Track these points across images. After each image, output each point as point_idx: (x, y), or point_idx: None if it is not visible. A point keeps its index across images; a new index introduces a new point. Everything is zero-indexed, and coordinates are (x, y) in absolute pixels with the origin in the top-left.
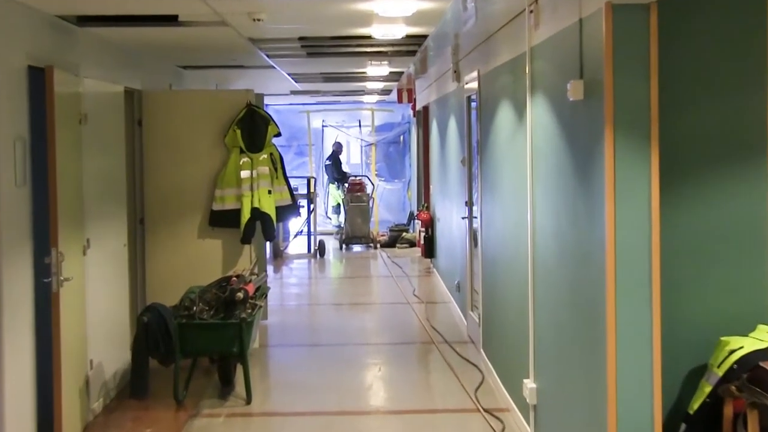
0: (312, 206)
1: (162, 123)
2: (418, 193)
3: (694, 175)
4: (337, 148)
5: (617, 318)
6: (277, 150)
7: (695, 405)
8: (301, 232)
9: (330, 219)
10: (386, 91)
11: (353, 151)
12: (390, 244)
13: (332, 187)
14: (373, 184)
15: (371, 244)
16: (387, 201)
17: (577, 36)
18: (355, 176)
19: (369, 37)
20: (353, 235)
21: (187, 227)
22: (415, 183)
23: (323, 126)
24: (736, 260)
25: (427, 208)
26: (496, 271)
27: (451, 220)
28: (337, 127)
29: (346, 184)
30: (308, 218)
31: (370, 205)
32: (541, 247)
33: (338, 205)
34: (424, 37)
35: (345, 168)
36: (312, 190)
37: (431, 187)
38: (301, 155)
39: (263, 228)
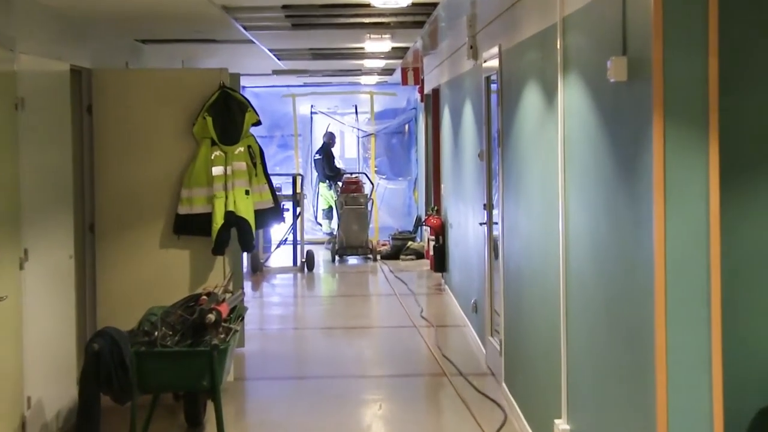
0: (298, 210)
1: (117, 109)
2: (427, 193)
3: (763, 174)
4: (329, 139)
5: (668, 346)
6: (257, 142)
7: None
8: (285, 240)
9: (320, 225)
10: (388, 71)
11: (348, 143)
12: (393, 255)
13: (323, 187)
14: (372, 183)
15: (370, 256)
16: (389, 203)
17: (619, 3)
18: (351, 173)
19: (367, 5)
20: (348, 244)
21: (147, 235)
22: (423, 182)
23: (312, 113)
24: None
25: (438, 211)
26: (521, 289)
27: (466, 227)
28: (329, 114)
29: (340, 183)
30: (294, 224)
31: (369, 208)
32: (575, 259)
33: (330, 208)
34: (434, 5)
35: (338, 163)
36: (298, 190)
37: (442, 186)
38: (286, 148)
39: (239, 236)
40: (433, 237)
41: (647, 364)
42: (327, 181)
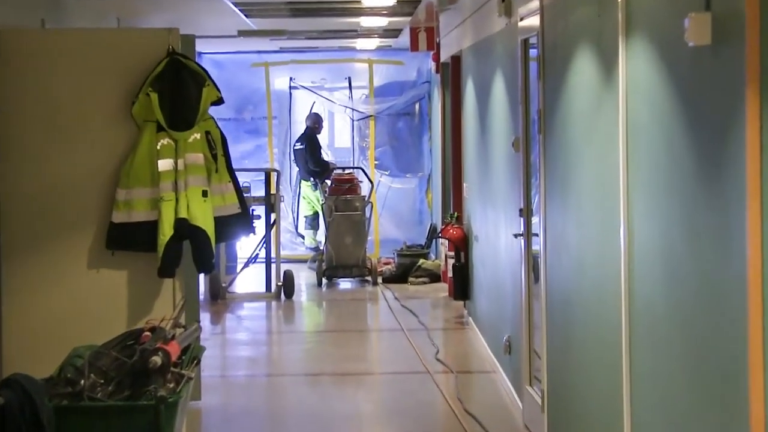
0: (273, 217)
1: (29, 81)
2: (444, 195)
3: None
4: (314, 123)
5: None
6: (218, 127)
7: None
8: (256, 258)
9: (302, 237)
10: (392, 32)
11: (340, 129)
12: (399, 277)
13: (306, 187)
14: (371, 182)
15: (368, 278)
16: (394, 208)
17: None
18: (343, 169)
19: None
20: (340, 263)
21: (69, 252)
22: (440, 179)
23: (291, 88)
24: None
25: (459, 219)
26: (569, 322)
27: (496, 240)
28: (314, 89)
29: (328, 182)
30: (267, 236)
31: (367, 214)
32: (641, 283)
33: (315, 214)
34: None
35: (326, 155)
36: (273, 190)
37: (465, 186)
38: (256, 135)
39: (194, 252)
40: (452, 253)
41: (740, 420)
42: (311, 179)
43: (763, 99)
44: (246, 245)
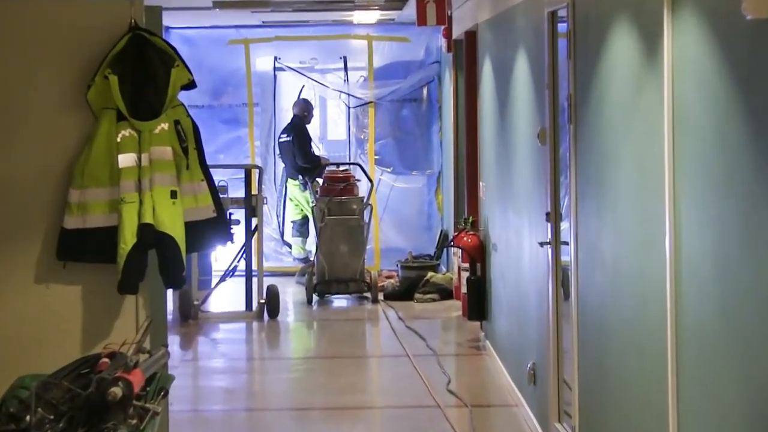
0: (255, 222)
1: None
2: (457, 197)
3: None
4: (303, 111)
5: None
6: (189, 115)
7: None
8: (234, 271)
9: (288, 247)
10: (395, 4)
11: (333, 118)
12: (403, 293)
13: (293, 186)
14: (370, 180)
15: (367, 294)
16: (398, 212)
17: None
18: (337, 165)
19: None
20: (333, 276)
21: (11, 262)
22: (452, 178)
23: (276, 69)
24: None
25: (474, 225)
26: (605, 347)
27: (519, 249)
28: (303, 71)
29: (320, 181)
30: (247, 245)
31: (365, 219)
32: (691, 301)
33: (304, 219)
34: None
35: (317, 149)
36: (255, 191)
37: (481, 185)
38: (235, 125)
39: (161, 264)
40: (466, 265)
41: None
42: (299, 178)
43: None
44: (223, 255)
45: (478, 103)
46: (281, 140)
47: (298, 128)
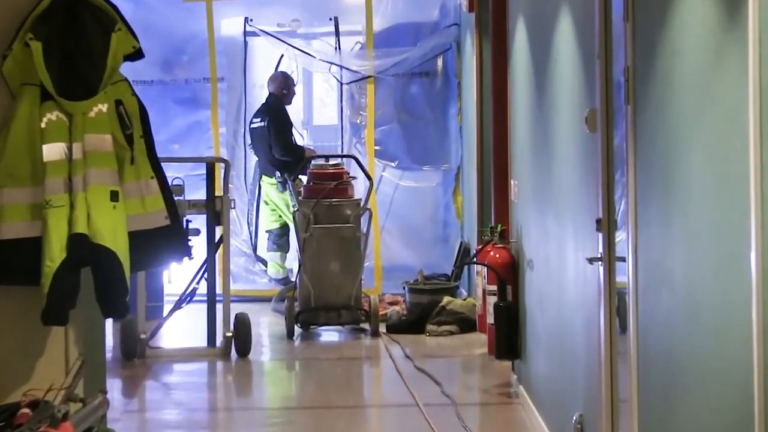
0: (219, 232)
1: None
2: (481, 198)
3: None
4: (281, 88)
5: None
6: (134, 94)
7: None
8: (192, 296)
9: (263, 263)
10: None
11: (321, 97)
12: (412, 324)
13: (268, 185)
14: (369, 178)
15: (366, 327)
16: (405, 218)
17: None
18: (326, 158)
19: None
20: (321, 302)
21: None
22: (474, 174)
23: (247, 34)
24: None
25: (504, 235)
26: (674, 395)
27: (561, 267)
28: (282, 36)
29: (303, 178)
30: (210, 262)
31: (363, 227)
32: None
33: (283, 228)
34: None
35: (299, 137)
36: (219, 191)
37: (513, 184)
38: (194, 106)
39: (98, 286)
40: (493, 288)
41: None
42: (277, 174)
43: None
44: (178, 275)
45: (508, 77)
46: (254, 126)
47: (275, 110)
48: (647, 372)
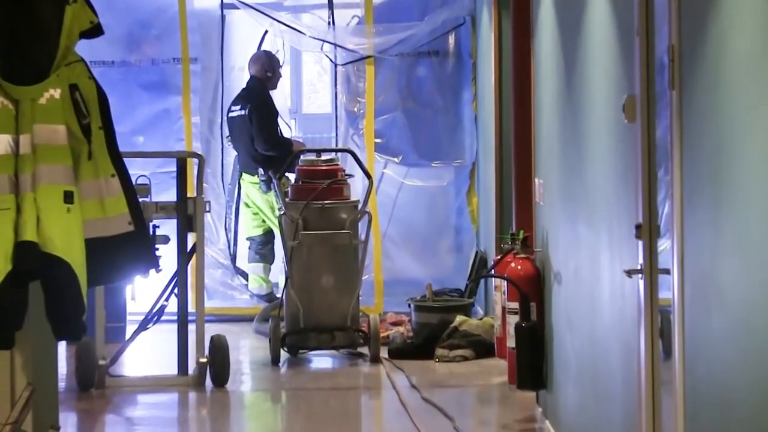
0: (192, 240)
1: None
2: (501, 200)
3: None
4: (265, 69)
5: None
6: (92, 77)
7: None
8: (160, 315)
9: (244, 278)
10: None
11: (312, 81)
12: (419, 348)
13: (249, 184)
14: (368, 176)
15: (363, 349)
16: (410, 223)
17: None
18: (317, 152)
19: None
20: (311, 323)
21: None
22: (493, 172)
23: (224, 6)
24: None
25: (527, 243)
26: (728, 431)
27: (595, 280)
28: (265, 9)
29: (291, 176)
30: (181, 275)
31: (361, 234)
32: None
33: (267, 235)
34: None
35: (286, 128)
36: (192, 192)
37: (537, 183)
38: (162, 92)
39: (50, 303)
40: (515, 305)
41: None
42: (260, 172)
43: None
44: (143, 291)
45: (532, 57)
46: (232, 115)
47: (258, 96)
48: (695, 406)
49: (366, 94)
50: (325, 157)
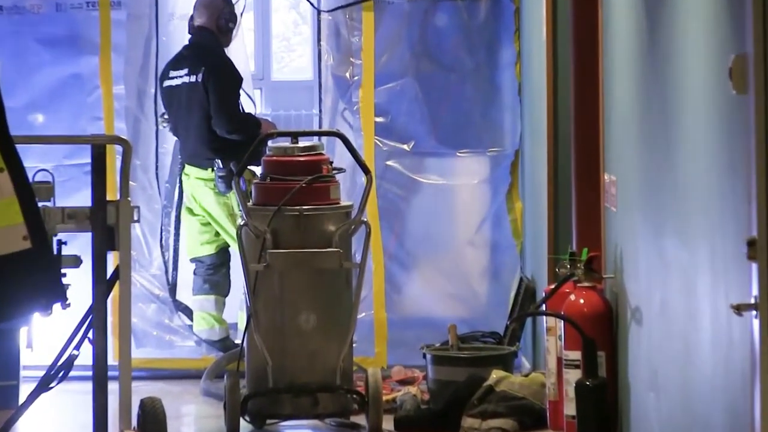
0: (114, 260)
1: None
2: (555, 205)
3: None
4: (216, 17)
5: None
6: None
7: None
8: (68, 369)
9: (188, 316)
10: None
11: (285, 34)
12: (440, 416)
13: (197, 181)
14: (365, 169)
15: (359, 417)
16: (426, 238)
17: None
18: (293, 135)
19: None
20: (283, 381)
21: None
22: (544, 167)
23: None
24: None
25: (593, 268)
26: None
27: (690, 319)
28: None
29: (255, 170)
30: (99, 311)
31: (357, 254)
32: None
33: (220, 255)
34: None
35: (247, 102)
36: (115, 195)
37: (607, 181)
38: (71, 50)
39: None
40: (576, 356)
41: None
42: (217, 163)
43: None
44: (44, 336)
45: (600, 3)
46: (173, 82)
47: (214, 56)
48: None
49: (363, 54)
50: (303, 143)
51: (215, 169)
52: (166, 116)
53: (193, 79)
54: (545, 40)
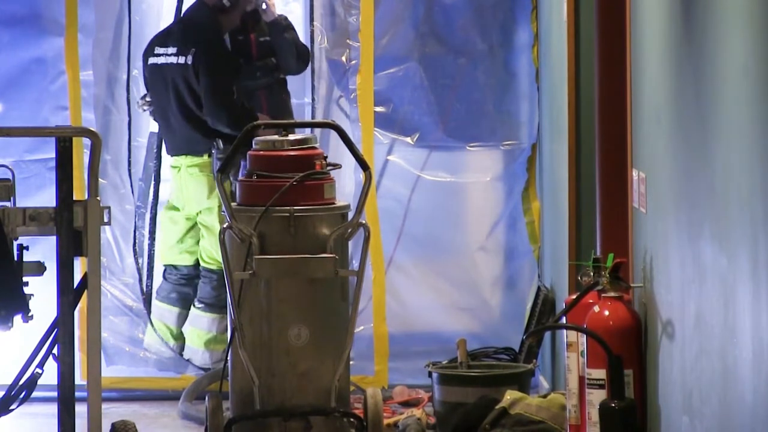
0: (82, 269)
1: None
2: (577, 206)
3: None
4: None
5: None
6: None
7: None
8: (30, 389)
9: (163, 337)
10: None
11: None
12: None
13: (189, 170)
14: (364, 165)
15: None
16: (432, 242)
17: None
18: (282, 128)
19: None
20: (271, 403)
21: None
22: (565, 162)
23: None
24: None
25: (619, 276)
26: None
27: (729, 333)
28: None
29: (244, 162)
30: (64, 326)
31: (353, 261)
32: None
33: (197, 267)
34: None
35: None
36: (83, 194)
37: (635, 178)
38: (32, 30)
39: None
40: (600, 374)
41: None
42: (216, 143)
43: None
44: (4, 352)
45: None
46: (159, 60)
47: (211, 34)
48: None
49: (361, 35)
50: (294, 135)
51: (214, 150)
52: (148, 98)
53: (182, 60)
54: (566, 20)
